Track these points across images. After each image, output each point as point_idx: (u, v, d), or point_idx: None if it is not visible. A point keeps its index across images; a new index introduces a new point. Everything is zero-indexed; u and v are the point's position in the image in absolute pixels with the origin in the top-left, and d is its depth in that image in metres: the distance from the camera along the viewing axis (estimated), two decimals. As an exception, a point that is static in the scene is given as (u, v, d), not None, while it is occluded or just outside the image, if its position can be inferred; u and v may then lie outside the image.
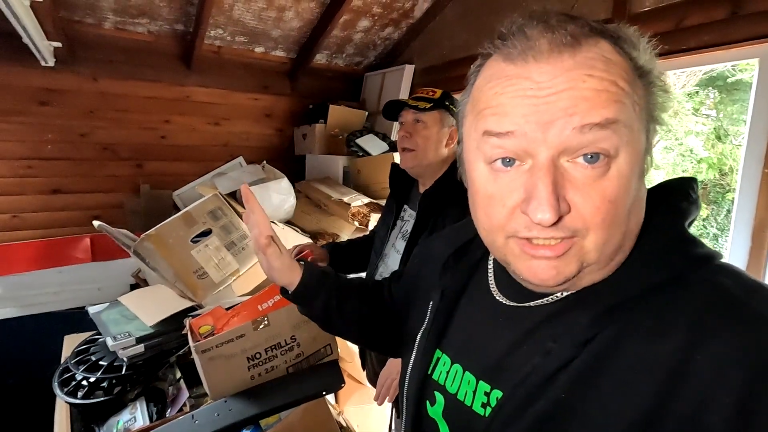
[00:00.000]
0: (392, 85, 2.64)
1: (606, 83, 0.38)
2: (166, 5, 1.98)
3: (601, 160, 0.38)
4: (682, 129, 4.79)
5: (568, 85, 0.38)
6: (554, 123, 0.38)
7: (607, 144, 0.38)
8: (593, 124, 0.37)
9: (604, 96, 0.37)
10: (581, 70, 0.38)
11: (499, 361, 0.48)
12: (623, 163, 0.38)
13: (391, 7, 2.32)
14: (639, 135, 0.40)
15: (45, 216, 2.17)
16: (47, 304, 2.15)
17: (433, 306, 0.58)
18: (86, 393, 1.11)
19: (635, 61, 0.40)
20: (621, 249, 0.42)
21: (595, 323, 0.41)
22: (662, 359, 0.38)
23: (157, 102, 2.33)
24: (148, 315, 1.22)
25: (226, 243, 1.37)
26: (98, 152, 2.23)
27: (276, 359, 0.95)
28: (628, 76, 0.39)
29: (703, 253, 0.42)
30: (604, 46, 0.40)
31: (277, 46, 2.46)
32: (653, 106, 0.41)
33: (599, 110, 0.37)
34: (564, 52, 0.39)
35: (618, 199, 0.39)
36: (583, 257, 0.40)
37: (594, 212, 0.39)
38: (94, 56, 2.08)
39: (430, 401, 0.55)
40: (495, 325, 0.51)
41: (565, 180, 0.39)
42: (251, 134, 2.67)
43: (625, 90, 0.38)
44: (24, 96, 1.98)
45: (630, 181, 0.39)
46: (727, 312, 0.38)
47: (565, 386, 0.41)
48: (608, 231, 0.39)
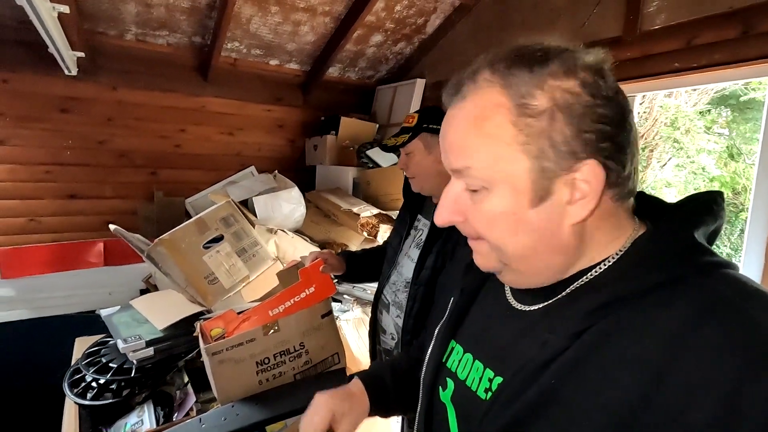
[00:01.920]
0: (403, 98, 2.68)
1: (467, 134, 0.46)
2: (185, 18, 2.05)
3: (475, 190, 0.47)
4: (694, 147, 4.76)
5: (450, 130, 0.49)
6: (446, 157, 0.50)
7: (471, 182, 0.47)
8: (452, 169, 0.49)
9: (462, 144, 0.47)
10: (458, 121, 0.48)
11: (503, 350, 0.52)
12: (495, 195, 0.46)
13: (403, 22, 2.37)
14: (510, 171, 0.45)
15: (61, 220, 2.21)
16: (58, 307, 2.18)
17: (453, 302, 0.63)
18: (95, 394, 1.12)
19: (528, 104, 0.43)
20: (536, 261, 0.48)
21: (588, 317, 0.44)
22: (649, 355, 0.39)
23: (174, 111, 2.39)
24: (158, 319, 1.24)
25: (237, 249, 1.38)
26: (115, 159, 2.29)
27: (284, 365, 0.95)
28: (500, 121, 0.44)
29: (707, 260, 0.43)
30: (489, 95, 0.45)
31: (291, 59, 2.52)
32: (542, 142, 0.43)
33: (453, 158, 0.48)
34: (455, 105, 0.49)
35: (493, 222, 0.47)
36: (495, 256, 0.50)
37: (479, 226, 0.49)
38: (114, 66, 2.15)
39: (442, 386, 0.59)
40: (504, 319, 0.56)
41: (462, 199, 0.50)
42: (264, 144, 2.72)
43: (490, 135, 0.45)
44: (46, 103, 2.05)
45: (504, 209, 0.46)
46: (717, 314, 0.39)
47: (556, 374, 0.44)
48: (494, 240, 0.48)
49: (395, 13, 2.27)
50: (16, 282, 2.08)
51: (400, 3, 2.20)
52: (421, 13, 2.32)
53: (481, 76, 0.46)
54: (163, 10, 1.97)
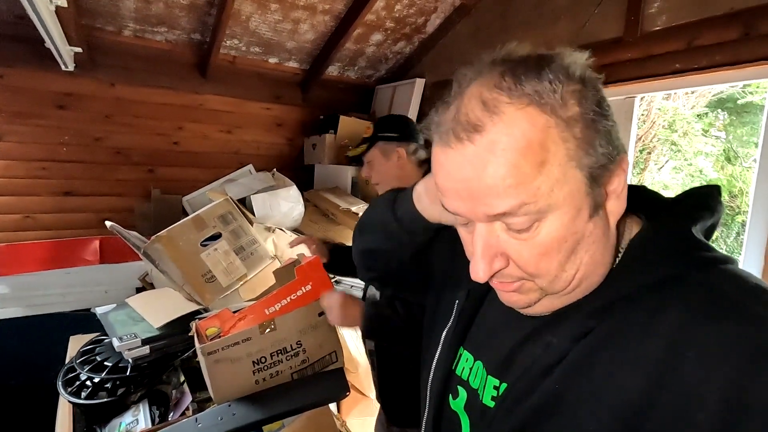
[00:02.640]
0: (403, 98, 2.67)
1: (503, 168, 0.39)
2: (184, 15, 2.04)
3: (524, 228, 0.41)
4: (691, 150, 4.78)
5: (473, 174, 0.40)
6: (475, 206, 0.42)
7: (522, 221, 0.40)
8: (498, 214, 0.41)
9: (504, 182, 0.39)
10: (481, 156, 0.39)
11: (508, 356, 0.51)
12: (553, 223, 0.40)
13: (404, 22, 2.36)
14: (569, 189, 0.40)
15: (56, 217, 2.19)
16: (53, 305, 2.16)
17: (459, 305, 0.60)
18: (90, 393, 1.11)
19: (558, 117, 0.39)
20: (585, 276, 0.44)
21: (590, 318, 0.43)
22: (651, 355, 0.38)
23: (172, 109, 2.37)
24: (155, 317, 1.23)
25: (235, 248, 1.37)
26: (111, 156, 2.27)
27: (281, 364, 0.95)
28: (536, 144, 0.38)
29: (706, 255, 0.42)
30: (512, 120, 0.39)
31: (290, 57, 2.51)
32: (591, 148, 0.40)
33: (501, 201, 0.40)
34: (465, 140, 0.40)
35: (551, 251, 0.41)
36: (540, 289, 0.45)
37: (527, 265, 0.43)
38: (112, 62, 2.13)
39: (452, 395, 0.58)
40: (509, 325, 0.54)
41: (500, 240, 0.43)
42: (262, 143, 2.71)
43: (530, 164, 0.38)
44: (43, 99, 2.03)
45: (564, 233, 0.41)
46: (718, 311, 0.38)
47: (560, 378, 0.43)
48: (549, 274, 0.43)
49: (395, 12, 2.27)
50: (10, 279, 2.06)
51: (401, 2, 2.19)
52: (422, 12, 2.31)
53: (496, 103, 0.39)
54: (162, 7, 1.95)
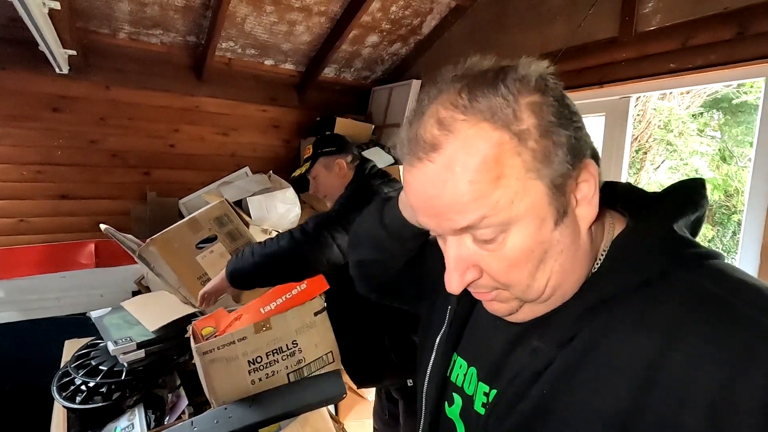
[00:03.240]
0: (399, 99, 2.67)
1: (461, 184, 0.39)
2: (180, 17, 2.03)
3: (490, 239, 0.41)
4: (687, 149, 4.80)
5: (434, 192, 0.41)
6: (441, 222, 0.43)
7: (485, 233, 0.41)
8: (462, 228, 0.42)
9: (464, 198, 0.40)
10: (440, 174, 0.40)
11: (496, 362, 0.51)
12: (516, 233, 0.41)
13: (399, 23, 2.36)
14: (531, 198, 0.40)
15: (51, 221, 2.18)
16: (49, 309, 2.14)
17: (451, 311, 0.60)
18: (85, 398, 1.10)
19: (511, 128, 0.39)
20: (561, 282, 0.44)
21: (575, 323, 0.43)
22: (639, 358, 0.38)
23: (167, 111, 2.36)
24: (150, 320, 1.22)
25: (231, 250, 1.36)
26: (107, 159, 2.26)
27: (277, 364, 0.94)
28: (491, 158, 0.39)
29: (690, 252, 0.42)
30: (466, 134, 0.39)
31: (286, 59, 2.50)
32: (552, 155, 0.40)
33: (462, 216, 0.41)
34: (424, 159, 0.41)
35: (519, 262, 0.42)
36: (518, 298, 0.45)
37: (498, 275, 0.43)
38: (107, 65, 2.12)
39: (448, 402, 0.57)
40: (497, 329, 0.53)
41: (470, 252, 0.43)
42: (258, 145, 2.70)
43: (486, 178, 0.39)
44: (37, 102, 2.02)
45: (531, 243, 0.41)
46: (705, 312, 0.38)
47: (549, 384, 0.43)
48: (521, 283, 0.43)
49: (391, 14, 2.27)
50: (5, 283, 2.04)
51: (396, 3, 2.20)
52: (417, 13, 2.32)
53: (451, 121, 0.40)
54: (157, 9, 1.95)
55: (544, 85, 0.41)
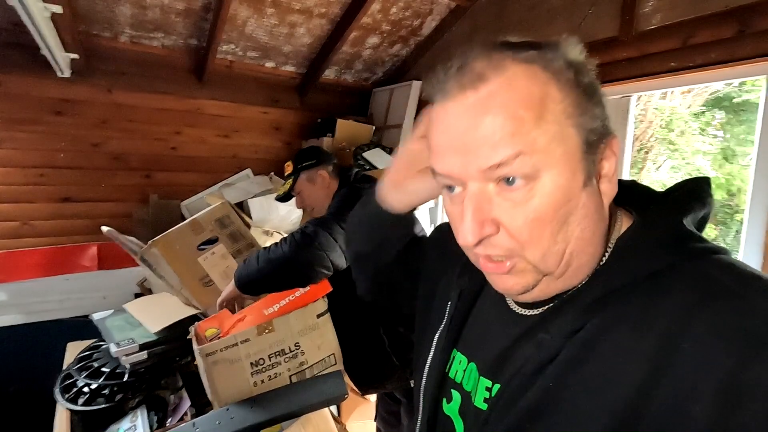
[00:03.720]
0: (400, 100, 2.67)
1: (502, 117, 0.39)
2: (181, 20, 2.04)
3: (519, 181, 0.40)
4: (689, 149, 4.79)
5: (470, 123, 0.40)
6: (469, 161, 0.41)
7: (516, 170, 0.40)
8: (493, 165, 0.40)
9: (503, 131, 0.39)
10: (481, 105, 0.40)
11: (499, 357, 0.50)
12: (547, 181, 0.40)
13: (399, 24, 2.37)
14: (564, 149, 0.40)
15: (54, 224, 2.19)
16: (52, 312, 2.15)
17: (451, 306, 0.59)
18: (87, 400, 1.10)
19: (555, 78, 0.41)
20: (576, 254, 0.43)
21: (582, 314, 0.42)
22: (646, 347, 0.38)
23: (169, 114, 2.37)
24: (152, 322, 1.22)
25: (232, 251, 1.37)
26: (109, 162, 2.27)
27: (279, 366, 0.94)
28: (536, 98, 0.40)
29: (699, 246, 0.42)
30: (513, 73, 0.40)
31: (287, 61, 2.51)
32: (587, 114, 0.41)
33: (499, 149, 0.39)
34: (467, 90, 0.41)
35: (545, 216, 0.40)
36: (534, 269, 0.43)
37: (519, 232, 0.41)
38: (109, 68, 2.13)
39: (446, 399, 0.56)
40: (504, 325, 0.52)
41: (492, 204, 0.42)
42: (260, 147, 2.71)
43: (530, 115, 0.39)
44: (40, 106, 2.03)
45: (558, 197, 0.40)
46: (714, 301, 0.37)
47: (554, 376, 0.42)
48: (540, 246, 0.41)
49: (391, 15, 2.27)
50: (8, 286, 2.05)
51: (396, 5, 2.20)
52: (417, 14, 2.32)
53: (501, 58, 0.41)
54: (158, 12, 1.96)
55: (582, 61, 0.43)
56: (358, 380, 1.46)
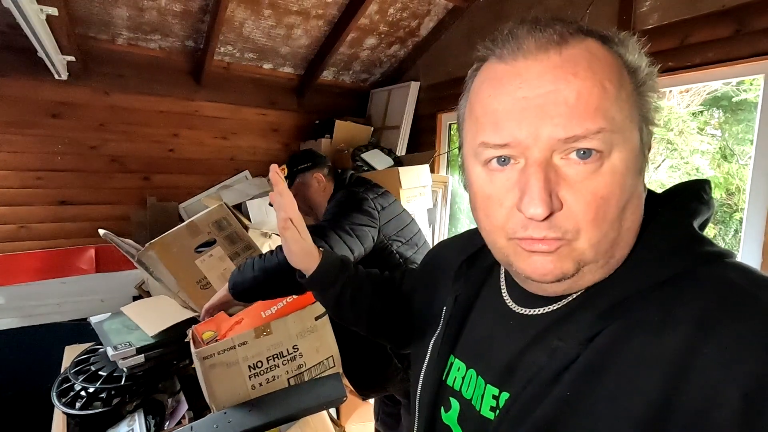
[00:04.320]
0: (398, 101, 2.67)
1: (589, 84, 0.38)
2: (178, 22, 2.04)
3: (593, 156, 0.38)
4: (687, 148, 4.79)
5: (554, 86, 0.38)
6: (543, 128, 0.38)
7: (595, 144, 0.38)
8: (577, 136, 0.38)
9: (588, 101, 0.37)
10: (567, 68, 0.38)
11: (508, 364, 0.48)
12: (617, 161, 0.39)
13: (397, 25, 2.37)
14: (631, 133, 0.40)
15: (52, 227, 2.18)
16: (50, 315, 2.14)
17: (446, 312, 0.57)
18: (84, 404, 1.09)
19: (623, 59, 0.41)
20: (619, 246, 0.42)
21: (599, 320, 0.41)
22: (668, 353, 0.37)
23: (167, 116, 2.37)
24: (150, 325, 1.21)
25: (230, 253, 1.36)
26: (107, 164, 2.26)
27: (277, 369, 0.93)
28: (615, 74, 0.39)
29: (712, 250, 0.42)
30: (591, 45, 0.40)
31: (285, 62, 2.51)
32: (644, 105, 0.41)
33: (582, 120, 0.37)
34: (550, 50, 0.39)
35: (611, 196, 0.39)
36: (579, 257, 0.41)
37: (585, 209, 0.39)
38: (106, 71, 2.13)
39: (444, 407, 0.54)
40: (506, 330, 0.51)
41: (558, 177, 0.39)
42: (258, 148, 2.71)
43: (612, 89, 0.38)
44: (37, 108, 2.03)
45: (624, 178, 0.39)
46: (735, 305, 0.37)
47: (571, 384, 0.40)
48: (601, 228, 0.39)
49: (389, 16, 2.27)
50: (5, 290, 2.04)
51: (394, 6, 2.20)
52: (415, 15, 2.32)
53: (577, 31, 0.40)
54: (155, 14, 1.95)
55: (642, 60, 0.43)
56: (359, 384, 1.45)
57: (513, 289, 0.53)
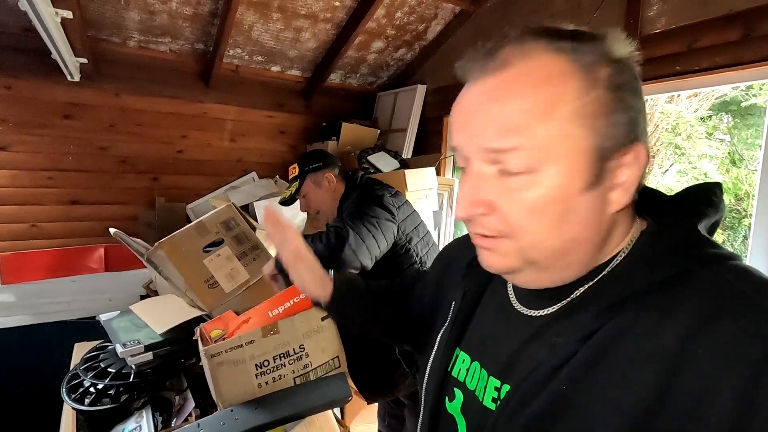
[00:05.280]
0: (404, 104, 2.68)
1: (509, 110, 0.40)
2: (188, 25, 2.07)
3: (518, 171, 0.41)
4: (695, 153, 4.76)
5: (481, 107, 0.42)
6: (473, 139, 0.43)
7: (515, 161, 0.40)
8: (493, 149, 0.41)
9: (504, 124, 0.40)
10: (497, 91, 0.41)
11: (510, 357, 0.50)
12: (545, 177, 0.40)
13: (404, 29, 2.38)
14: (567, 149, 0.40)
15: (62, 226, 2.21)
16: (59, 313, 2.17)
17: (455, 306, 0.60)
18: (93, 400, 1.11)
19: (585, 71, 0.40)
20: (572, 252, 0.44)
21: (597, 318, 0.42)
22: (662, 352, 0.38)
23: (176, 118, 2.40)
24: (158, 323, 1.23)
25: (237, 253, 1.37)
26: (116, 165, 2.29)
27: (284, 368, 0.94)
28: (552, 91, 0.39)
29: (713, 252, 0.42)
30: (533, 63, 0.40)
31: (293, 65, 2.53)
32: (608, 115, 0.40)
33: (495, 137, 0.41)
34: (488, 75, 0.42)
35: (538, 209, 0.41)
36: (523, 255, 0.44)
37: (516, 218, 0.42)
38: (117, 73, 2.16)
39: (449, 397, 0.56)
40: (509, 325, 0.53)
41: (492, 186, 0.43)
42: (265, 150, 2.73)
43: (540, 108, 0.39)
44: (49, 109, 2.06)
45: (555, 194, 0.40)
46: (730, 306, 0.37)
47: (567, 380, 0.42)
48: (533, 236, 0.42)
49: (396, 20, 2.29)
50: (16, 287, 2.07)
51: (401, 9, 2.22)
52: (422, 19, 2.33)
53: (533, 46, 0.41)
54: (166, 17, 1.98)
55: (630, 58, 0.43)
56: (366, 388, 1.45)
57: (518, 287, 0.55)
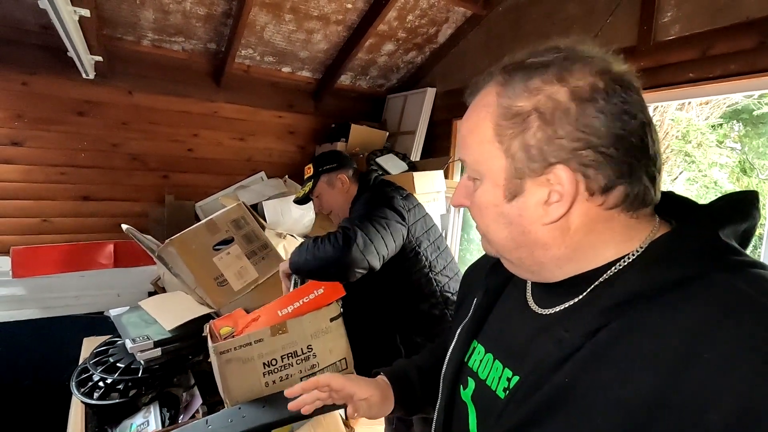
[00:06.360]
0: (414, 107, 2.69)
1: (467, 130, 0.52)
2: (201, 25, 2.09)
3: (473, 180, 0.52)
4: (706, 161, 4.72)
5: (461, 125, 0.54)
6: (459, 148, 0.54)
7: (470, 172, 0.52)
8: (461, 160, 0.54)
9: (464, 140, 0.53)
10: (465, 116, 0.53)
11: (521, 349, 0.53)
12: (484, 186, 0.51)
13: (415, 32, 2.39)
14: (489, 166, 0.49)
15: (73, 221, 2.24)
16: (68, 308, 2.19)
17: (476, 301, 0.64)
18: (102, 394, 1.12)
19: (506, 103, 0.47)
20: (507, 250, 0.52)
21: (604, 315, 0.43)
22: (666, 353, 0.38)
23: (187, 116, 2.42)
24: (167, 319, 1.24)
25: (247, 252, 1.38)
26: (128, 162, 2.32)
27: (291, 368, 0.95)
28: (486, 119, 0.49)
29: (735, 259, 0.42)
30: (488, 94, 0.49)
31: (303, 66, 2.55)
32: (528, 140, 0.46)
33: (459, 150, 0.54)
34: (468, 101, 0.54)
35: (483, 210, 0.51)
36: (492, 248, 0.54)
37: (474, 216, 0.54)
38: (131, 71, 2.19)
39: (463, 385, 0.60)
40: (522, 320, 0.56)
41: (468, 189, 0.54)
42: (274, 150, 2.74)
43: (477, 133, 0.50)
44: (64, 106, 2.09)
45: (485, 200, 0.50)
46: (738, 312, 0.37)
47: (571, 372, 0.43)
48: (488, 233, 0.53)
49: (407, 23, 2.30)
50: (27, 281, 2.10)
51: (413, 13, 2.23)
52: (433, 22, 2.34)
53: (493, 77, 0.50)
54: (179, 17, 2.01)
55: (583, 86, 0.44)
56: None
57: (535, 285, 0.57)
